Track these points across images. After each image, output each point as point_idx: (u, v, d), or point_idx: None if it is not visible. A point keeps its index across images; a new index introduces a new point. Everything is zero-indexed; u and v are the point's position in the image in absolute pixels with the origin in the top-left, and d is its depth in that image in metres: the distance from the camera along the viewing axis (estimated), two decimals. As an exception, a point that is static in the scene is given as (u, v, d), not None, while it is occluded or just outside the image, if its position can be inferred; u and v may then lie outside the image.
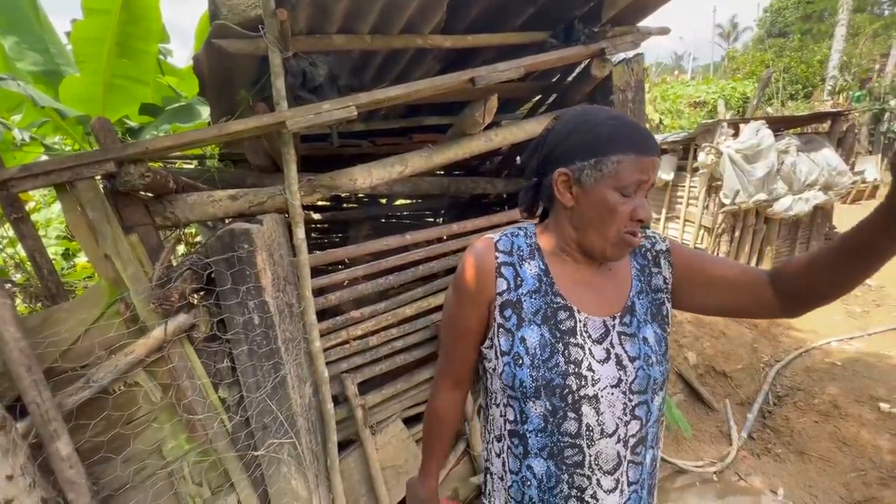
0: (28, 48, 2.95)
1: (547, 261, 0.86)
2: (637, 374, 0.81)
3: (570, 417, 0.80)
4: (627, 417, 0.81)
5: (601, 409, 0.80)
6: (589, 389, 0.80)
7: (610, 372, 0.81)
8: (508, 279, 0.84)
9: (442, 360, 0.99)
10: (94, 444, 1.24)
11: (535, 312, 0.83)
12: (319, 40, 1.53)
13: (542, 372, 0.80)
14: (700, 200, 5.60)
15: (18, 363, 1.07)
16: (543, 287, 0.84)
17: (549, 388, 0.80)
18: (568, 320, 0.82)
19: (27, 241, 1.30)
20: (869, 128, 12.16)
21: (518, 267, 0.85)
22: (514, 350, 0.82)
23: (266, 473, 1.44)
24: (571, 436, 0.81)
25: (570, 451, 0.82)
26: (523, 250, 0.87)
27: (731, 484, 2.67)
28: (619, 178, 0.74)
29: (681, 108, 12.41)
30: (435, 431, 1.03)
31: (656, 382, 0.82)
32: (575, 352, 0.80)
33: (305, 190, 1.57)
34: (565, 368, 0.79)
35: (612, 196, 0.75)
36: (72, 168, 1.16)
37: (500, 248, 0.86)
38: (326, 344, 1.69)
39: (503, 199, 3.09)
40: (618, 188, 0.75)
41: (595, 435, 0.81)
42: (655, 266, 0.88)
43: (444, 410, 1.01)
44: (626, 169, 0.74)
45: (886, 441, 2.79)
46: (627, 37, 1.89)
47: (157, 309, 1.26)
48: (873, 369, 3.51)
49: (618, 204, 0.75)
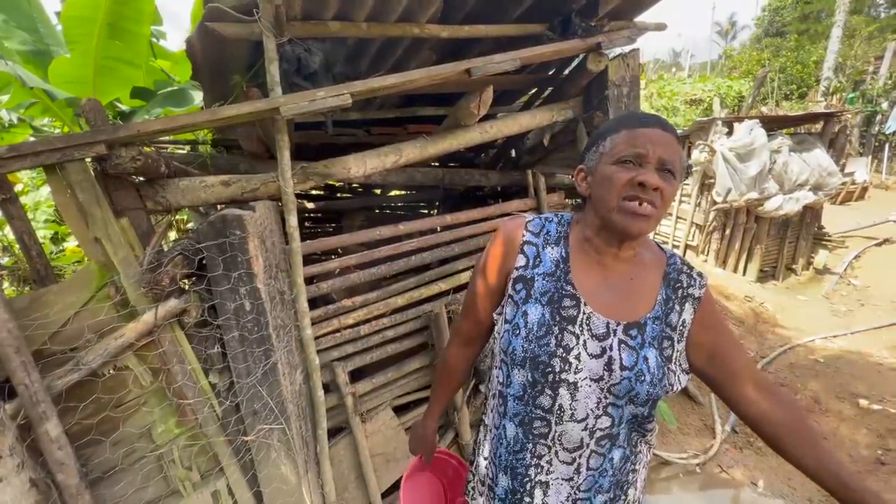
0: (16, 26, 2.89)
1: (570, 250, 0.91)
2: (622, 382, 0.84)
3: (546, 394, 0.88)
4: (599, 412, 0.86)
5: (576, 397, 0.86)
6: (570, 375, 0.85)
7: (596, 367, 0.85)
8: (529, 257, 0.91)
9: (459, 317, 1.10)
10: (83, 427, 1.24)
11: (543, 293, 0.89)
12: (315, 26, 1.52)
13: (532, 346, 0.86)
14: (692, 198, 5.65)
15: (6, 344, 1.07)
16: (559, 273, 0.89)
17: (534, 362, 0.87)
18: (572, 308, 0.87)
19: (15, 223, 1.29)
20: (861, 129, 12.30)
21: (541, 249, 0.92)
22: (516, 321, 0.89)
23: (255, 458, 1.45)
24: (544, 410, 0.89)
25: (539, 423, 0.90)
26: (551, 235, 0.93)
27: (714, 476, 2.74)
28: (613, 154, 0.81)
29: (677, 106, 12.45)
30: (443, 377, 1.17)
31: (638, 397, 0.85)
32: (568, 338, 0.85)
33: (299, 177, 1.56)
34: (554, 350, 0.85)
35: (610, 169, 0.81)
36: (61, 149, 1.14)
37: (529, 228, 0.94)
38: (318, 332, 1.69)
39: (497, 192, 3.10)
40: (615, 162, 0.81)
41: (565, 416, 0.87)
42: (680, 304, 0.89)
43: (453, 361, 1.14)
44: (619, 144, 0.81)
45: (864, 436, 2.87)
46: (624, 31, 1.89)
47: (147, 293, 1.25)
48: (854, 366, 3.59)
49: (615, 173, 0.80)
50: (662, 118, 0.84)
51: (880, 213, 8.15)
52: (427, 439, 1.24)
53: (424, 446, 1.25)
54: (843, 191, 9.52)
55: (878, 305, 5.17)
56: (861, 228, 7.44)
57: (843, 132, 5.96)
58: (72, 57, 2.62)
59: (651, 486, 2.61)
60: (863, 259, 6.38)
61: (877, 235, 7.06)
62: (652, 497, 2.55)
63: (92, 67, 2.64)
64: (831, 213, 7.43)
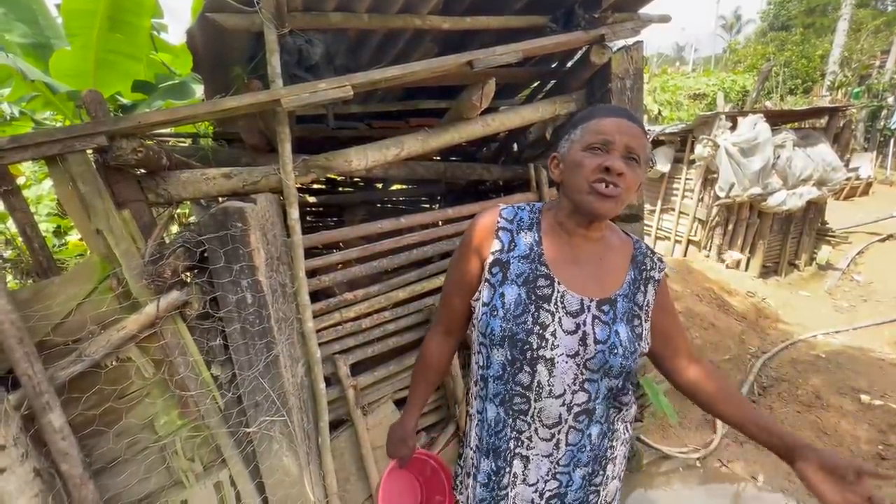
0: (16, 19, 2.88)
1: (542, 234, 0.96)
2: (596, 356, 0.89)
3: (525, 371, 0.92)
4: (576, 387, 0.92)
5: (554, 373, 0.90)
6: (547, 352, 0.90)
7: (571, 343, 0.90)
8: (504, 242, 0.96)
9: (438, 308, 1.12)
10: (86, 418, 1.24)
11: (518, 275, 0.93)
12: (316, 18, 1.51)
13: (510, 325, 0.90)
14: (695, 193, 5.62)
15: (9, 335, 1.07)
16: (533, 255, 0.94)
17: (512, 340, 0.91)
18: (546, 288, 0.91)
19: (17, 215, 1.29)
20: (866, 124, 12.20)
21: (515, 234, 0.96)
22: (493, 302, 0.93)
23: (258, 450, 1.46)
24: (523, 387, 0.93)
25: (519, 400, 0.94)
26: (524, 221, 0.98)
27: (714, 470, 2.74)
28: (583, 141, 0.87)
29: (680, 100, 12.37)
30: (421, 372, 1.16)
31: (612, 370, 0.91)
32: (544, 316, 0.90)
33: (300, 170, 1.56)
34: (531, 327, 0.90)
35: (580, 155, 0.87)
36: (62, 140, 1.14)
37: (503, 216, 0.98)
38: (319, 325, 1.69)
39: (500, 186, 3.09)
40: (584, 149, 0.86)
41: (543, 393, 0.92)
42: (644, 286, 0.97)
43: (431, 355, 1.13)
44: (588, 132, 0.87)
45: (864, 431, 2.87)
46: (628, 24, 1.87)
47: (149, 285, 1.26)
48: (856, 362, 3.59)
49: (584, 159, 0.86)
50: (630, 110, 0.91)
51: (884, 208, 8.11)
52: (406, 442, 1.18)
53: (404, 449, 1.18)
54: (847, 186, 9.46)
55: (881, 301, 5.15)
56: (865, 224, 7.41)
57: (847, 127, 5.93)
58: (72, 50, 2.62)
59: (651, 480, 2.62)
60: (866, 255, 6.36)
61: (880, 231, 7.04)
62: (652, 491, 2.56)
63: (93, 61, 2.63)
64: (835, 209, 7.40)
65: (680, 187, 5.90)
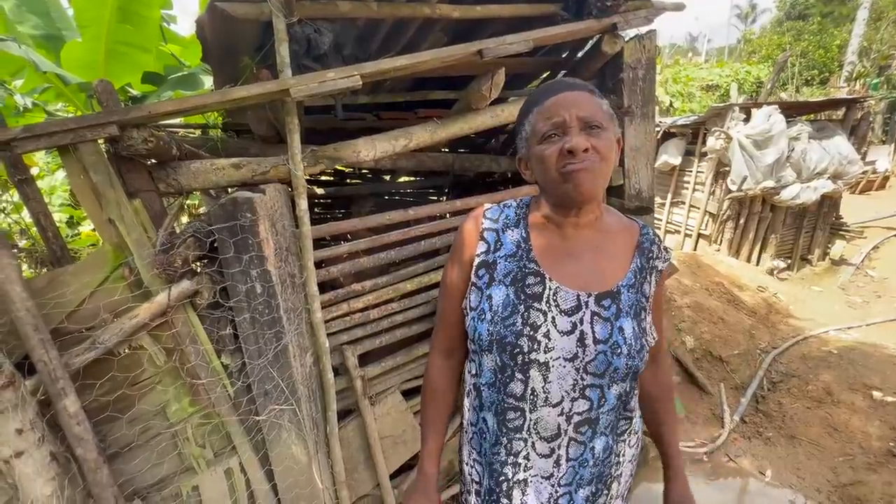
0: (28, 10, 2.90)
1: (529, 230, 0.90)
2: (597, 357, 0.81)
3: (516, 378, 0.84)
4: (576, 395, 0.83)
5: (549, 378, 0.83)
6: (540, 355, 0.82)
7: (568, 345, 0.82)
8: (489, 242, 0.90)
9: (435, 330, 1.04)
10: (100, 404, 1.27)
11: (506, 274, 0.87)
12: (325, 6, 1.50)
13: (497, 327, 0.83)
14: (706, 186, 5.54)
15: (25, 322, 1.09)
16: (520, 252, 0.88)
17: (501, 344, 0.83)
18: (536, 286, 0.84)
19: (31, 204, 1.31)
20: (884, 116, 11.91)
21: (501, 233, 0.91)
22: (481, 306, 0.87)
23: (267, 438, 1.48)
24: (516, 398, 0.85)
25: (513, 415, 0.86)
26: (510, 219, 0.92)
27: (721, 464, 2.73)
28: (536, 134, 0.82)
29: (692, 91, 12.14)
30: (429, 404, 1.03)
31: (617, 372, 0.83)
32: (535, 315, 0.82)
33: (309, 160, 1.56)
34: (520, 329, 0.82)
35: (539, 149, 0.81)
36: (74, 130, 1.15)
37: (487, 216, 0.93)
38: (328, 315, 1.70)
39: (508, 178, 3.07)
40: (540, 141, 0.81)
41: (539, 401, 0.84)
42: (650, 275, 0.91)
43: (434, 381, 1.03)
44: (536, 123, 0.82)
45: (876, 428, 2.83)
46: (641, 12, 1.84)
47: (160, 274, 1.27)
48: (869, 358, 3.53)
49: (544, 151, 0.80)
50: (567, 80, 0.84)
51: (901, 203, 7.93)
52: (429, 495, 0.96)
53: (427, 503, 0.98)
54: (863, 180, 9.27)
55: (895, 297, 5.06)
56: (881, 219, 7.25)
57: (865, 119, 5.78)
58: (83, 41, 2.63)
59: (657, 474, 2.60)
60: (881, 250, 6.23)
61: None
62: (658, 485, 2.56)
63: (103, 52, 2.65)
64: (850, 203, 7.26)
65: (691, 180, 5.81)
